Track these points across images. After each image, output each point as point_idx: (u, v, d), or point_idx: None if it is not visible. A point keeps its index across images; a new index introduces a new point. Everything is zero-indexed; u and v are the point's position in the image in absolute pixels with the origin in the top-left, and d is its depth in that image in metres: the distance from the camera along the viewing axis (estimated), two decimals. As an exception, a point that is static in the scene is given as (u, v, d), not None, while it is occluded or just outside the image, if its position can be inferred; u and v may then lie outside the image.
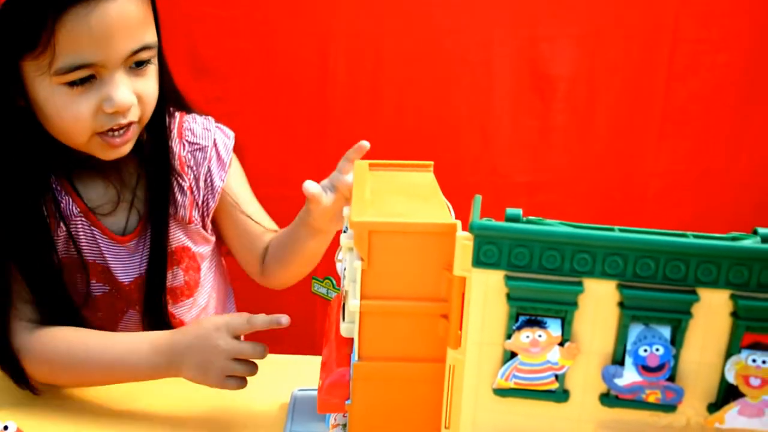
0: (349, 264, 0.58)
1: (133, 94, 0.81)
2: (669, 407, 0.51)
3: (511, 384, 0.52)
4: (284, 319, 0.77)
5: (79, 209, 0.89)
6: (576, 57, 1.27)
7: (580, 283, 0.50)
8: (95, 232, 0.90)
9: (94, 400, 0.85)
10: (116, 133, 0.82)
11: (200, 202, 0.95)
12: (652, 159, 1.30)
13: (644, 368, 0.50)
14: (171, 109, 0.94)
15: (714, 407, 0.51)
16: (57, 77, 0.77)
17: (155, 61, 0.84)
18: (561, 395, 0.52)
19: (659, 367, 0.50)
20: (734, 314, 0.49)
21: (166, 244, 0.92)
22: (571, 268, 0.50)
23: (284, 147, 1.36)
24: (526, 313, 0.51)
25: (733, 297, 0.49)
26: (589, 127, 1.30)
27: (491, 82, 1.29)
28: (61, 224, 0.88)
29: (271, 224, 1.04)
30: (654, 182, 1.32)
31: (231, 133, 1.01)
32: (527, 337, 0.51)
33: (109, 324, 0.94)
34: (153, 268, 0.92)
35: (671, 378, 0.50)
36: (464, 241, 0.52)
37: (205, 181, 0.95)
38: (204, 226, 0.97)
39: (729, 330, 0.49)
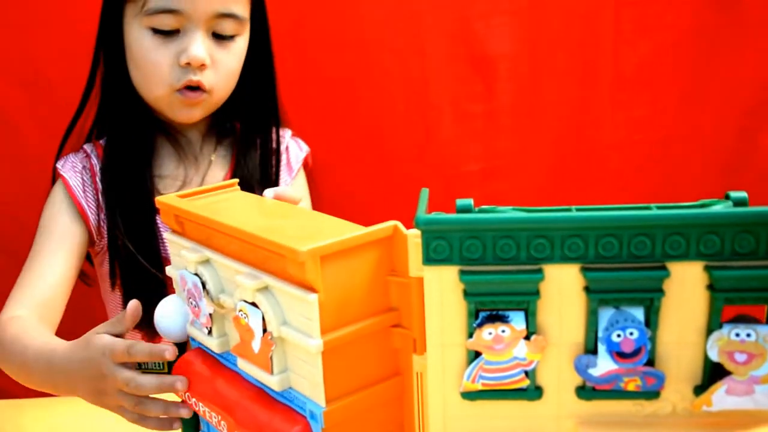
0: (270, 306, 0.51)
1: (209, 56, 0.86)
2: (651, 394, 0.47)
3: (478, 386, 0.48)
4: (168, 353, 0.62)
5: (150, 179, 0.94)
6: (514, 33, 1.19)
7: (539, 271, 0.46)
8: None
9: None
10: (190, 90, 0.87)
11: None
12: (609, 131, 1.22)
13: (619, 355, 0.46)
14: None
15: (700, 389, 0.47)
16: (147, 18, 0.85)
17: (241, 40, 0.90)
18: (534, 393, 0.48)
19: (635, 352, 0.46)
20: (710, 287, 0.45)
21: None
22: (528, 255, 0.46)
23: None
24: (485, 309, 0.47)
25: (707, 268, 0.45)
26: (537, 105, 1.22)
27: (425, 69, 1.20)
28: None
29: None
30: (613, 155, 1.24)
31: (305, 147, 1.08)
32: (489, 333, 0.47)
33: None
34: None
35: (650, 362, 0.46)
36: (415, 239, 0.48)
37: (274, 183, 1.00)
38: None
39: (707, 305, 0.45)
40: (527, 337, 0.47)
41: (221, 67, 0.89)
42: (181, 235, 0.62)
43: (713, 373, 0.46)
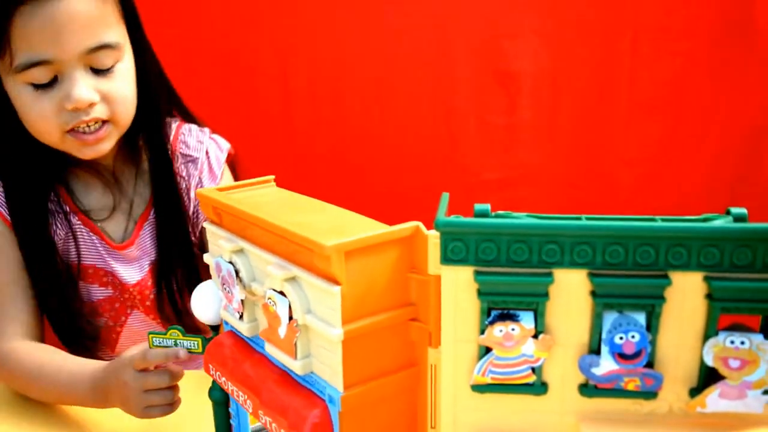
0: (297, 296, 0.55)
1: (96, 92, 0.82)
2: (650, 394, 0.50)
3: (488, 380, 0.52)
4: (181, 353, 0.71)
5: (77, 217, 0.92)
6: (539, 51, 1.26)
7: (549, 274, 0.49)
8: (95, 239, 0.92)
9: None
10: (87, 128, 0.83)
11: (191, 213, 0.96)
12: (622, 149, 1.30)
13: (621, 356, 0.49)
14: (166, 111, 0.96)
15: (695, 392, 0.50)
16: (19, 75, 0.80)
17: (123, 65, 0.85)
18: (539, 388, 0.52)
19: (636, 354, 0.49)
20: (709, 296, 0.48)
21: (174, 241, 0.94)
22: (539, 259, 0.49)
23: (255, 163, 1.32)
24: (497, 308, 0.50)
25: (706, 279, 0.48)
26: (556, 121, 1.30)
27: (454, 81, 1.28)
28: (59, 232, 0.91)
29: None
30: (625, 172, 1.31)
31: (225, 146, 1.02)
32: (500, 331, 0.50)
33: (114, 326, 0.96)
34: (162, 265, 0.94)
35: (649, 364, 0.49)
36: (435, 240, 0.52)
37: (196, 191, 0.95)
38: (194, 234, 0.98)
39: (705, 313, 0.48)
40: (535, 336, 0.50)
41: (112, 97, 0.85)
42: (218, 225, 0.65)
43: (708, 377, 0.49)
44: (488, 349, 0.51)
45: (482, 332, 0.51)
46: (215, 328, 0.69)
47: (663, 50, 1.25)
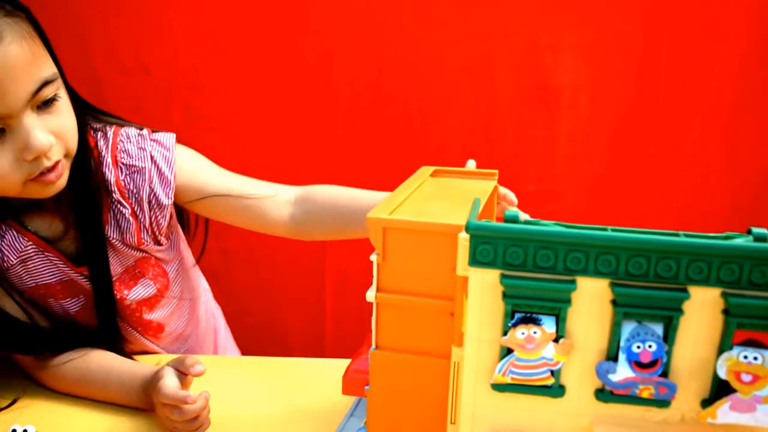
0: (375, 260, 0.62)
1: (50, 134, 0.78)
2: (663, 402, 0.52)
3: (507, 379, 0.54)
4: (190, 399, 0.77)
5: (27, 239, 0.88)
6: (577, 65, 1.27)
7: (573, 282, 0.51)
8: (50, 256, 0.90)
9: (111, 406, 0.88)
10: (47, 174, 0.80)
11: (148, 224, 0.93)
12: (655, 164, 1.32)
13: (637, 364, 0.51)
14: (91, 125, 0.91)
15: (707, 403, 0.52)
16: None
17: (63, 92, 0.81)
18: (557, 390, 0.54)
19: (652, 363, 0.51)
20: (725, 311, 0.50)
21: (107, 272, 0.92)
22: (564, 266, 0.51)
23: (289, 159, 1.36)
24: (521, 311, 0.53)
25: (724, 295, 0.50)
26: (593, 135, 1.31)
27: (494, 91, 1.29)
28: (10, 259, 0.88)
29: (261, 186, 1.00)
30: (656, 185, 1.33)
31: (170, 141, 0.94)
32: (522, 333, 0.52)
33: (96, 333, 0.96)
34: (99, 297, 0.92)
35: (664, 374, 0.51)
36: (465, 242, 0.54)
37: (150, 202, 0.92)
38: (156, 242, 0.96)
39: (721, 327, 0.50)
40: (556, 340, 0.52)
41: (64, 132, 0.81)
42: None
43: (720, 389, 0.51)
44: (510, 350, 0.53)
45: (505, 333, 0.53)
46: None
47: (697, 69, 1.27)
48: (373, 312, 0.61)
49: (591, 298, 0.52)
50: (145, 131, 0.94)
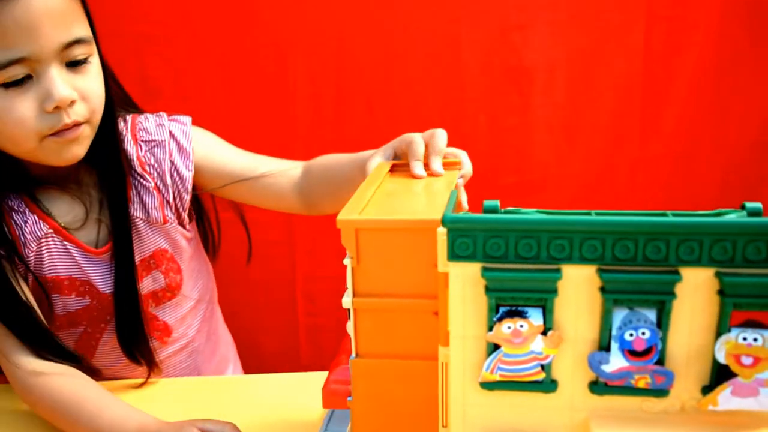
0: (350, 264, 0.58)
1: (74, 90, 0.79)
2: (661, 392, 0.49)
3: (496, 377, 0.51)
4: None
5: (48, 226, 0.88)
6: (551, 45, 1.21)
7: (558, 270, 0.49)
8: (69, 247, 0.89)
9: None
10: (66, 132, 0.80)
11: (171, 198, 0.94)
12: (637, 145, 1.26)
13: (631, 353, 0.49)
14: (121, 112, 0.92)
15: (708, 389, 0.49)
16: None
17: (95, 60, 0.83)
18: (549, 385, 0.51)
19: (646, 351, 0.48)
20: (720, 292, 0.47)
21: (132, 253, 0.91)
22: (548, 255, 0.49)
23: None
24: (505, 304, 0.50)
25: (718, 274, 0.47)
26: (571, 119, 1.25)
27: (462, 78, 1.23)
28: (31, 245, 0.87)
29: (273, 162, 1.00)
30: (640, 168, 1.28)
31: (187, 119, 0.97)
32: (509, 328, 0.50)
33: (92, 333, 0.94)
34: (121, 280, 0.90)
35: (660, 362, 0.49)
36: (443, 237, 0.51)
37: (172, 175, 0.93)
38: (181, 222, 0.96)
39: (717, 309, 0.48)
40: (544, 333, 0.50)
41: (89, 94, 0.81)
42: None
43: (720, 375, 0.48)
44: (497, 346, 0.51)
45: (490, 329, 0.50)
46: None
47: (676, 43, 1.22)
48: (349, 319, 0.58)
49: (578, 286, 0.49)
50: (163, 114, 0.97)
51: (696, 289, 0.48)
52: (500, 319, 0.50)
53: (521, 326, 0.50)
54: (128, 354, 0.92)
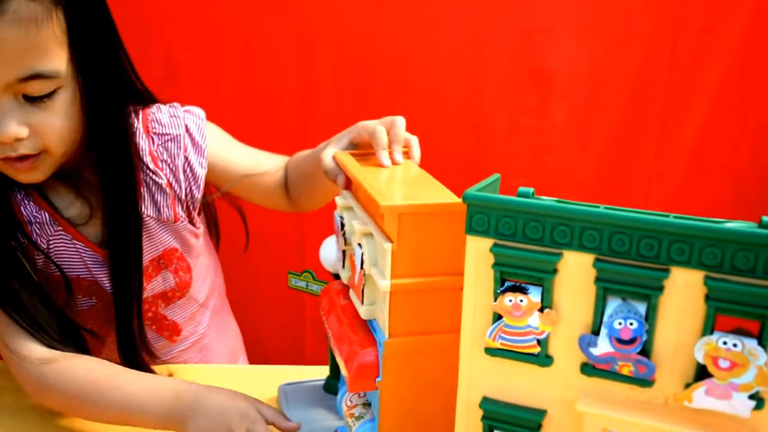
0: (368, 249, 0.65)
1: (24, 126, 0.75)
2: (644, 382, 0.52)
3: (497, 344, 0.57)
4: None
5: (57, 224, 0.87)
6: (574, 49, 1.18)
7: (559, 254, 0.53)
8: (78, 246, 0.88)
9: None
10: (15, 162, 0.77)
11: (183, 195, 0.91)
12: (654, 156, 1.21)
13: (617, 340, 0.52)
14: (135, 107, 0.90)
15: (689, 387, 0.51)
16: None
17: (63, 94, 0.77)
18: (544, 360, 0.56)
19: (631, 341, 0.52)
20: (706, 295, 0.50)
21: (139, 255, 0.88)
22: (551, 239, 0.54)
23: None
24: (509, 279, 0.56)
25: (706, 278, 0.49)
26: (588, 125, 1.22)
27: (484, 78, 1.21)
28: (41, 240, 0.86)
29: (270, 158, 1.00)
30: (656, 179, 1.22)
31: (201, 113, 0.94)
32: (510, 301, 0.55)
33: (98, 333, 0.92)
34: (123, 281, 0.87)
35: (644, 352, 0.52)
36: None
37: (185, 171, 0.91)
38: (191, 221, 0.94)
39: (703, 311, 0.50)
40: (541, 310, 0.55)
41: (45, 130, 0.77)
42: (347, 188, 0.78)
43: (701, 374, 0.51)
44: (500, 316, 0.56)
45: (495, 300, 0.56)
46: (336, 276, 0.82)
47: (701, 56, 1.17)
48: (384, 302, 0.63)
49: (576, 272, 0.53)
50: (177, 104, 0.94)
51: (685, 289, 0.50)
52: (503, 292, 0.55)
53: (521, 301, 0.55)
54: (126, 362, 0.89)
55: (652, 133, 1.25)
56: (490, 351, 0.58)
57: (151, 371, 0.89)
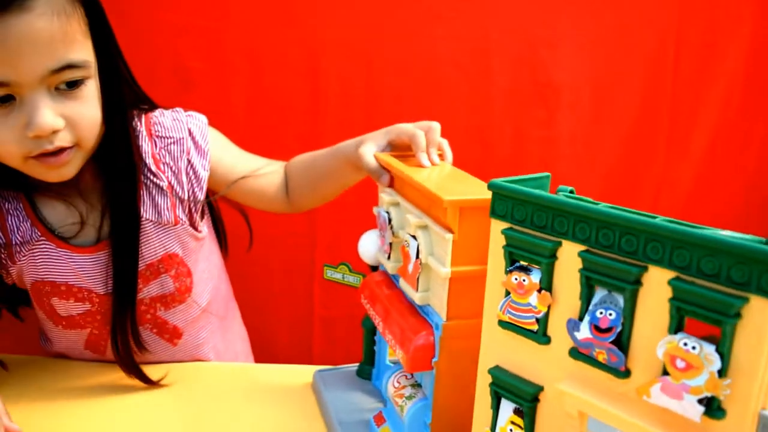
0: (424, 240, 0.72)
1: (60, 117, 0.76)
2: (618, 372, 0.55)
3: (506, 317, 0.63)
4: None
5: (40, 233, 0.87)
6: (579, 63, 1.12)
7: (558, 242, 0.58)
8: (63, 253, 0.88)
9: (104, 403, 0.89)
10: (49, 157, 0.78)
11: (186, 197, 0.91)
12: (661, 166, 1.10)
13: (596, 328, 0.56)
14: (136, 112, 0.91)
15: (659, 384, 0.53)
16: None
17: (93, 81, 0.79)
18: (542, 338, 0.60)
19: (607, 330, 0.55)
20: (671, 296, 0.51)
21: (135, 257, 0.88)
22: (552, 228, 0.58)
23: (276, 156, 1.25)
24: (517, 260, 0.61)
25: (672, 279, 0.51)
26: (594, 136, 1.17)
27: (490, 90, 1.19)
28: (22, 248, 0.87)
29: (268, 163, 1.02)
30: (663, 189, 1.14)
31: (203, 117, 0.95)
32: (515, 279, 0.61)
33: (101, 338, 0.95)
34: (120, 286, 0.88)
35: (618, 343, 0.55)
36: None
37: (188, 174, 0.91)
38: (193, 224, 0.94)
39: (669, 311, 0.52)
40: (539, 291, 0.59)
41: (79, 121, 0.78)
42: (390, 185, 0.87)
43: (665, 372, 0.52)
44: (509, 292, 0.62)
45: (505, 277, 0.62)
46: (374, 268, 0.90)
47: (704, 68, 1.10)
48: (443, 288, 0.70)
49: (573, 260, 0.57)
50: (179, 109, 0.95)
51: (658, 287, 0.52)
52: (511, 271, 0.61)
53: (524, 281, 0.60)
54: (120, 362, 0.91)
55: (659, 145, 1.18)
56: (502, 324, 0.63)
57: (142, 373, 0.91)
